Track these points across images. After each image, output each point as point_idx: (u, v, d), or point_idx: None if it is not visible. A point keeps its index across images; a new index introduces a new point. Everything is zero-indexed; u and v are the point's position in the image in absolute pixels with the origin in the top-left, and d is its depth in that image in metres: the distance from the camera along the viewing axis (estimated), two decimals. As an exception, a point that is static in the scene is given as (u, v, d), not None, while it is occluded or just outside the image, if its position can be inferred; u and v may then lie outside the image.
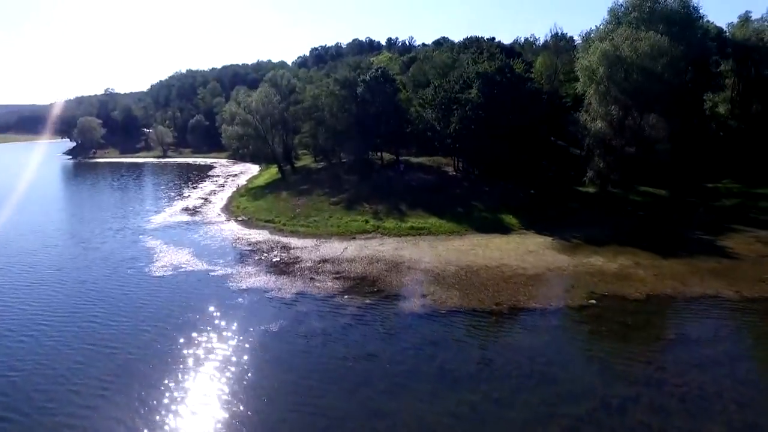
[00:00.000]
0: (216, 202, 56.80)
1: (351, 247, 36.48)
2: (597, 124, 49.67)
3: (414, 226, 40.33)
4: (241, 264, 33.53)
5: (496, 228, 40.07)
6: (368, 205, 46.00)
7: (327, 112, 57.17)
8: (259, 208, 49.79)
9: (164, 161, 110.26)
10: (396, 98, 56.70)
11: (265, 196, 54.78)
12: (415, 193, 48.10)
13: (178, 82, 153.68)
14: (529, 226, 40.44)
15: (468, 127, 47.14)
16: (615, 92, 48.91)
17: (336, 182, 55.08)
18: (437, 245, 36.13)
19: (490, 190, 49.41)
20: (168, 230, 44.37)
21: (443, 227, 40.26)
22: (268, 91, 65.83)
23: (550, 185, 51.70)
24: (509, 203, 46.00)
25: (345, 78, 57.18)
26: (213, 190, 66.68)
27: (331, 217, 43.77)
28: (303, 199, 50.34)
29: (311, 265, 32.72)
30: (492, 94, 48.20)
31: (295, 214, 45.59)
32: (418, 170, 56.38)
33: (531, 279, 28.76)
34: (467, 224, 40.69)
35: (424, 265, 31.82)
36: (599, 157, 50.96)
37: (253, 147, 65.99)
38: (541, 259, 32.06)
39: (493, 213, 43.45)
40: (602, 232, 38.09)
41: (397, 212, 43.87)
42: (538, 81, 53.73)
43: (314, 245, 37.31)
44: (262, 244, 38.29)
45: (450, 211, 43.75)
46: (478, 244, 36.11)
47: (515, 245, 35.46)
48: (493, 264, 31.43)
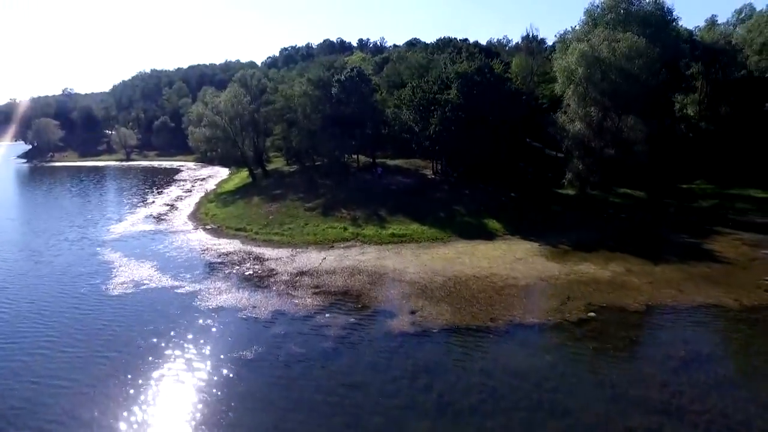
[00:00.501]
0: (183, 209, 52.98)
1: (330, 257, 33.88)
2: (576, 125, 48.73)
3: (395, 233, 38.03)
4: (210, 279, 30.41)
5: (481, 234, 38.26)
6: (346, 210, 43.44)
7: (300, 113, 54.24)
8: (229, 215, 46.48)
9: (127, 165, 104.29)
10: (372, 99, 54.29)
11: (235, 202, 51.40)
12: (394, 198, 45.86)
13: (142, 82, 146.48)
14: (513, 231, 38.80)
15: (448, 129, 45.23)
16: (593, 93, 48.10)
17: (311, 186, 52.25)
18: (421, 254, 33.95)
19: (471, 194, 47.66)
20: (130, 241, 40.58)
21: (426, 234, 38.13)
22: (237, 91, 62.32)
23: (529, 188, 50.43)
24: (491, 207, 44.37)
25: (319, 78, 54.41)
26: (179, 195, 62.58)
27: (307, 225, 40.99)
28: (276, 205, 47.30)
29: (288, 278, 29.96)
30: (471, 95, 46.49)
31: (268, 222, 42.57)
32: (396, 173, 54.18)
33: (524, 290, 26.91)
34: (450, 230, 38.70)
35: (410, 276, 29.55)
36: (578, 159, 50.03)
37: (222, 150, 62.30)
38: (531, 268, 30.31)
39: (476, 217, 41.64)
40: (588, 237, 36.82)
41: (377, 218, 41.49)
42: (515, 82, 52.36)
43: (290, 256, 34.51)
44: (233, 255, 35.19)
45: (432, 216, 41.69)
46: (464, 251, 34.13)
47: (502, 252, 33.65)
48: (482, 274, 29.46)
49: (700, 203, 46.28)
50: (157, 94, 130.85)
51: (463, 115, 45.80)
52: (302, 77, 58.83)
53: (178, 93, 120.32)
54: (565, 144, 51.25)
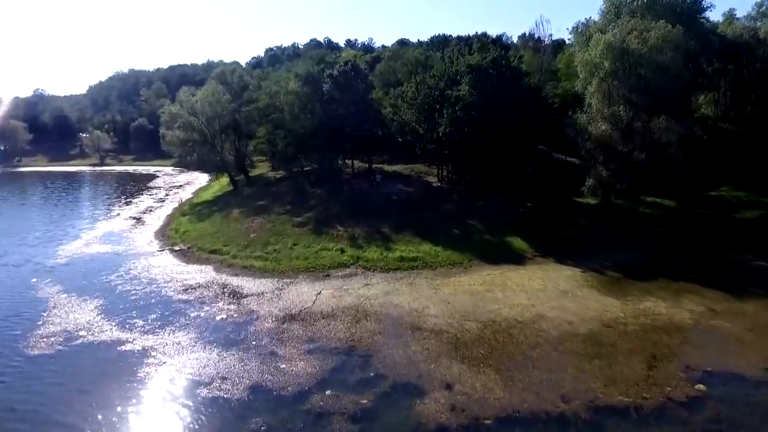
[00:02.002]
0: (150, 224, 44.62)
1: (326, 291, 26.20)
2: (599, 126, 41.77)
3: (404, 257, 30.51)
4: (169, 327, 22.48)
5: (506, 255, 31.02)
6: (342, 227, 35.75)
7: (287, 112, 46.38)
8: (204, 232, 38.38)
9: (100, 170, 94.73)
10: (369, 96, 46.74)
11: (212, 215, 43.25)
12: (398, 210, 38.33)
13: (119, 82, 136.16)
14: (543, 251, 31.69)
15: (460, 130, 37.89)
16: (621, 90, 41.22)
17: (299, 196, 44.42)
18: (440, 285, 26.50)
19: (484, 205, 40.40)
20: (79, 267, 32.31)
21: (441, 256, 30.69)
22: (215, 88, 54.05)
23: (544, 197, 43.51)
24: (510, 221, 37.19)
25: (308, 73, 46.62)
26: (150, 206, 54.04)
27: (296, 245, 33.21)
28: (259, 220, 39.35)
29: (272, 325, 22.22)
30: (485, 91, 39.24)
31: (248, 241, 34.63)
32: (397, 180, 46.66)
33: (589, 343, 19.67)
34: (470, 251, 31.34)
35: (432, 320, 22.09)
36: (602, 165, 43.18)
37: (198, 154, 53.89)
38: (584, 306, 23.12)
39: (496, 235, 34.38)
40: (633, 258, 30.00)
41: (380, 236, 33.91)
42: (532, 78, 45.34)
43: (275, 289, 26.72)
44: (203, 289, 27.23)
45: (444, 233, 34.27)
46: (493, 281, 26.81)
47: (541, 282, 26.41)
48: (525, 316, 22.14)
49: (743, 214, 39.75)
50: (135, 96, 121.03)
51: (477, 115, 38.53)
52: (289, 72, 50.73)
53: (156, 94, 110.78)
54: (585, 147, 44.14)
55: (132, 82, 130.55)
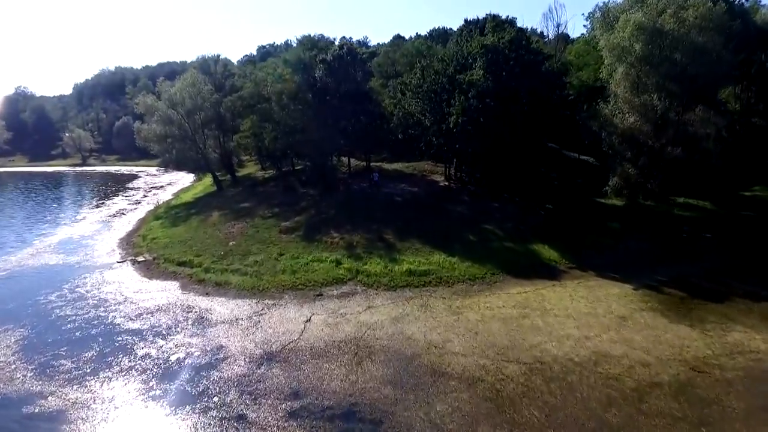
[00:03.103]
0: (118, 229, 38.34)
1: (317, 316, 20.21)
2: (627, 118, 36.21)
3: (413, 270, 24.58)
4: (104, 373, 16.39)
5: (535, 267, 25.26)
6: (337, 233, 29.75)
7: (274, 102, 40.26)
8: (176, 238, 32.20)
9: (80, 170, 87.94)
10: (367, 86, 40.85)
11: (188, 219, 37.08)
12: (401, 213, 32.43)
13: (105, 80, 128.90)
14: (579, 262, 26.00)
15: (474, 121, 32.06)
16: (654, 77, 35.62)
17: (289, 198, 38.41)
18: (462, 308, 20.61)
19: (500, 207, 34.65)
20: (14, 283, 26.04)
21: (458, 269, 24.80)
22: (196, 78, 47.84)
23: (563, 198, 37.99)
24: (531, 225, 31.48)
25: (298, 59, 40.63)
26: (122, 209, 47.67)
27: (282, 255, 27.17)
28: (241, 224, 33.27)
29: (243, 370, 16.20)
30: (500, 77, 33.52)
31: (226, 251, 28.53)
32: (398, 180, 40.76)
33: (682, 398, 13.87)
34: (491, 263, 25.49)
35: (459, 362, 16.20)
36: (628, 162, 37.67)
37: (177, 151, 47.63)
38: (655, 338, 17.35)
39: (520, 242, 28.59)
40: (690, 271, 24.45)
41: (382, 245, 27.96)
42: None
43: (253, 314, 20.68)
44: (161, 314, 21.10)
45: (459, 240, 28.45)
46: (527, 302, 20.99)
47: (587, 304, 20.63)
48: (582, 354, 16.33)
49: (796, 217, 34.32)
50: (121, 94, 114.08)
51: (493, 104, 32.75)
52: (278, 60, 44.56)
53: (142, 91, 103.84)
54: (609, 142, 38.46)
55: (118, 80, 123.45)
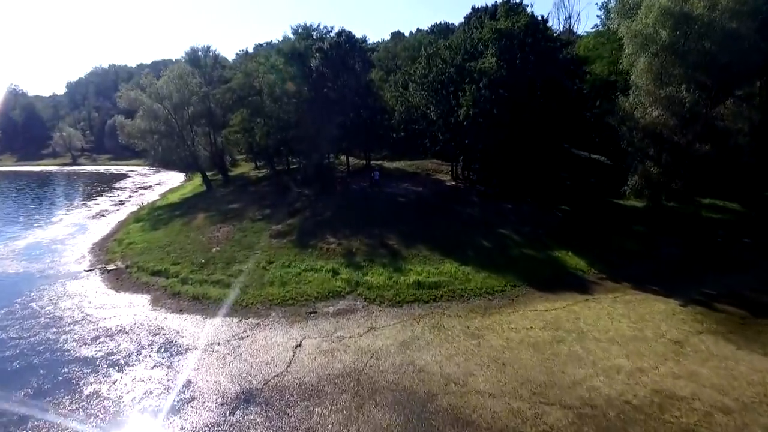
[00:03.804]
0: (94, 232, 34.69)
1: (309, 340, 16.64)
2: (651, 112, 32.73)
3: (422, 281, 21.03)
4: (33, 423, 12.73)
5: (562, 278, 21.78)
6: (334, 238, 26.16)
7: (266, 96, 36.70)
8: (154, 244, 28.55)
9: (69, 170, 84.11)
10: (368, 77, 37.33)
11: (171, 222, 33.45)
12: (406, 216, 28.86)
13: (97, 78, 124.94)
14: (609, 271, 22.59)
15: (488, 113, 28.56)
16: (679, 67, 32.25)
17: (282, 198, 34.86)
18: (482, 330, 17.06)
19: (514, 209, 31.16)
20: (-35, 296, 22.34)
21: (473, 281, 21.27)
22: (184, 69, 44.31)
23: (579, 199, 34.66)
24: (550, 229, 28.04)
25: (292, 48, 37.00)
26: (103, 210, 43.97)
27: (272, 263, 23.57)
28: (228, 227, 29.67)
29: (213, 419, 12.61)
30: (515, 65, 30.04)
31: (208, 258, 24.90)
32: (401, 179, 37.21)
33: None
34: (512, 273, 21.97)
35: (486, 405, 12.65)
36: (651, 159, 34.27)
37: (164, 148, 44.08)
38: (729, 374, 13.85)
39: (539, 248, 25.09)
40: (742, 282, 21.04)
41: (385, 251, 24.39)
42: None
43: (232, 337, 17.08)
44: (123, 337, 17.47)
45: (472, 246, 24.92)
46: (558, 321, 17.47)
47: (631, 324, 17.12)
48: (641, 395, 12.81)
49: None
50: (114, 92, 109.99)
51: (506, 94, 29.27)
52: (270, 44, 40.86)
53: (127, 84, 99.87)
54: (630, 138, 34.98)
55: (111, 78, 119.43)
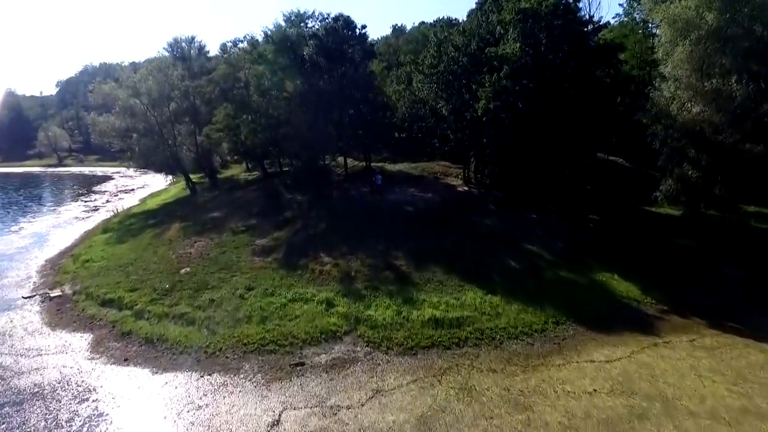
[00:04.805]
0: (52, 245, 29.74)
1: (291, 412, 11.82)
2: (691, 107, 28.06)
3: (440, 318, 16.25)
4: None
5: (615, 312, 17.11)
6: (329, 257, 21.29)
7: (253, 89, 31.81)
8: (114, 261, 23.61)
9: (53, 171, 78.95)
10: (368, 68, 32.52)
11: (141, 233, 28.50)
12: (415, 229, 23.97)
13: (88, 77, 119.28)
14: (671, 300, 17.97)
15: (511, 106, 23.79)
16: (726, 56, 27.56)
17: (271, 206, 29.95)
18: (529, 395, 12.28)
19: (539, 219, 26.41)
20: None
21: (505, 315, 16.51)
22: (165, 61, 39.48)
23: (605, 206, 30.06)
24: (584, 244, 23.36)
25: (283, 35, 32.13)
26: (73, 217, 38.97)
27: (251, 291, 18.70)
28: (204, 241, 24.76)
29: None
30: (540, 52, 25.31)
31: (174, 282, 19.98)
32: (405, 183, 32.35)
33: None
34: (551, 304, 17.22)
35: None
36: (690, 161, 29.59)
37: (141, 148, 39.03)
38: None
39: (579, 269, 20.38)
40: None
41: (392, 275, 19.55)
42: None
43: (185, 408, 12.22)
44: (33, 408, 12.58)
45: (496, 267, 20.15)
46: (630, 382, 12.73)
47: (730, 387, 12.45)
48: None
49: None
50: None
51: (532, 85, 24.52)
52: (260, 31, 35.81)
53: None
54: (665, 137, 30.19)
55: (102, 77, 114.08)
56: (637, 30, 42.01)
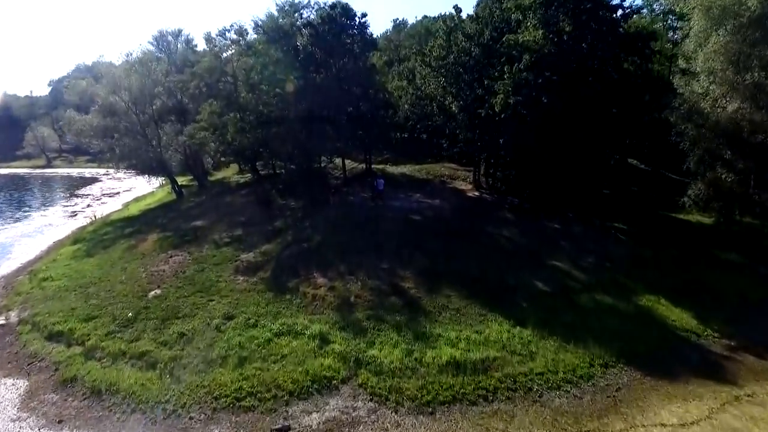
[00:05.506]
0: (14, 257, 26.31)
1: None
2: (727, 104, 24.88)
3: (460, 360, 12.94)
4: None
5: (673, 350, 13.85)
6: (324, 277, 17.94)
7: (242, 83, 28.44)
8: (76, 280, 20.21)
9: (39, 173, 75.33)
10: (368, 59, 29.22)
11: (114, 244, 25.09)
12: (423, 243, 20.63)
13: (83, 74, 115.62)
14: (736, 333, 14.94)
15: (534, 102, 20.53)
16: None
17: (261, 213, 26.62)
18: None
19: (562, 229, 23.16)
20: None
21: (541, 356, 13.27)
22: (149, 55, 36.08)
23: (627, 212, 26.94)
24: (618, 261, 20.10)
25: (275, 24, 28.78)
26: (46, 224, 35.46)
27: (230, 321, 15.34)
28: (181, 256, 21.38)
29: None
30: (563, 40, 22.05)
31: (139, 308, 16.58)
32: (410, 188, 29.07)
33: None
34: (593, 339, 13.98)
35: None
36: (724, 164, 26.46)
37: (122, 149, 35.58)
38: None
39: (618, 294, 17.14)
40: None
41: (399, 301, 16.22)
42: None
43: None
44: None
45: (523, 291, 16.88)
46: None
47: None
48: None
49: None
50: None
51: (556, 78, 21.25)
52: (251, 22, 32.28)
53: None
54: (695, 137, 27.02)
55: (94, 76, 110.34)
56: (656, 22, 38.88)
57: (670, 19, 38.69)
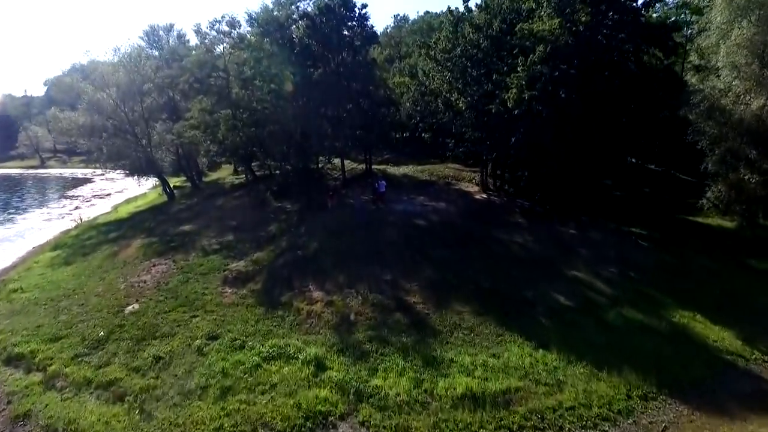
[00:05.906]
0: (-13, 265, 24.29)
1: None
2: (751, 101, 23.05)
3: (477, 392, 11.05)
4: None
5: (721, 380, 11.92)
6: (320, 289, 16.06)
7: (234, 78, 26.50)
8: (48, 291, 18.30)
9: (31, 173, 73.10)
10: (369, 53, 27.33)
11: (95, 251, 23.19)
12: (430, 251, 18.75)
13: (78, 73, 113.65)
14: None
15: (551, 97, 18.67)
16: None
17: (255, 217, 24.76)
18: None
19: (579, 235, 21.31)
20: None
21: (569, 385, 11.36)
22: (138, 50, 34.07)
23: (643, 215, 25.17)
24: (644, 271, 18.28)
25: (269, 16, 26.86)
26: (27, 228, 33.47)
27: (215, 341, 13.44)
28: (165, 264, 19.49)
29: None
30: (580, 31, 20.18)
31: (113, 326, 14.69)
32: (413, 190, 27.19)
33: None
34: (628, 365, 12.05)
35: None
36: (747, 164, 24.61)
37: (110, 148, 33.61)
38: None
39: (649, 310, 15.25)
40: None
41: (405, 318, 14.33)
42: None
43: None
44: None
45: (542, 306, 14.97)
46: None
47: None
48: None
49: None
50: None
51: (574, 72, 19.38)
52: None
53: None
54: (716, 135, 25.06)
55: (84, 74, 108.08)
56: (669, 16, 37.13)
57: (684, 13, 36.96)
